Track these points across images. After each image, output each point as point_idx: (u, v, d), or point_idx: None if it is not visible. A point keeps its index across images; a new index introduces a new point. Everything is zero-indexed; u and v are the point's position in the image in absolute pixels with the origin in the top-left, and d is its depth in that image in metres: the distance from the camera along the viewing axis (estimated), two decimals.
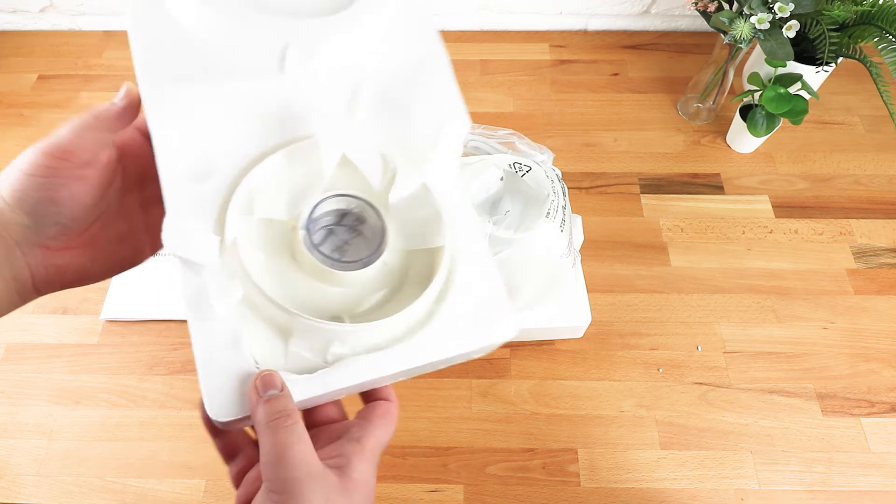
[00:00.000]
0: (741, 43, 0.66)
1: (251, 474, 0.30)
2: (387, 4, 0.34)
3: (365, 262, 0.31)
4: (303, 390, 0.28)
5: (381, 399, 0.31)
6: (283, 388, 0.27)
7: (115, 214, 0.32)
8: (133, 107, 0.31)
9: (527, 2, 0.90)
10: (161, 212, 0.29)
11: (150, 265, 0.36)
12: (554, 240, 0.56)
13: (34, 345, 0.64)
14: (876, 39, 0.66)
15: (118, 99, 0.31)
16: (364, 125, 0.33)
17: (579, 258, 0.64)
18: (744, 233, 0.72)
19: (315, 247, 0.31)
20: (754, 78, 0.71)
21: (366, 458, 0.28)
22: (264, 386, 0.27)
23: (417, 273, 0.32)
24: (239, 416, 0.27)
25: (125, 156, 0.31)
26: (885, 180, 0.76)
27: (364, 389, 0.31)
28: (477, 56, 0.91)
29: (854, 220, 0.73)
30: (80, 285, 0.31)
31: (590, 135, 0.81)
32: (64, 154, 0.28)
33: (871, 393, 0.60)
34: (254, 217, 0.30)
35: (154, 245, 0.33)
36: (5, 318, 0.29)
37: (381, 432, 0.29)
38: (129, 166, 0.32)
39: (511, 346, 0.64)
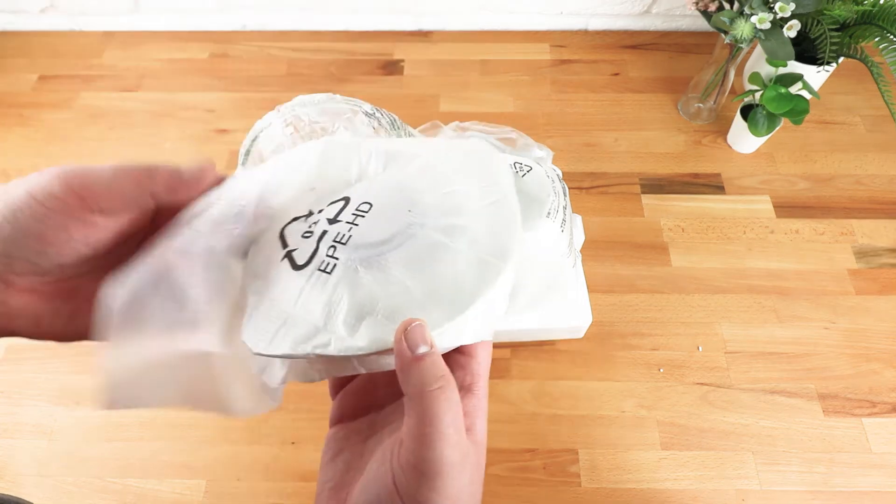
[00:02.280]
0: (742, 43, 0.65)
1: (350, 387, 0.27)
2: None
3: None
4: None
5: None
6: (433, 344, 0.22)
7: (108, 271, 0.26)
8: (198, 185, 0.26)
9: (527, 2, 0.90)
10: None
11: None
12: (554, 240, 0.56)
13: (34, 345, 0.63)
14: (877, 39, 0.66)
15: (186, 170, 0.26)
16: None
17: (580, 258, 0.64)
18: (745, 233, 0.72)
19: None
20: (755, 78, 0.71)
21: (485, 412, 0.24)
22: (415, 340, 0.21)
23: None
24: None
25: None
26: (886, 180, 0.76)
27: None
28: (477, 56, 0.91)
29: (855, 220, 0.73)
30: (28, 338, 0.25)
31: (590, 135, 0.81)
32: (87, 193, 0.23)
33: (872, 393, 0.60)
34: None
35: None
36: None
37: (485, 370, 0.25)
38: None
39: (511, 346, 0.63)
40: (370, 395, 0.27)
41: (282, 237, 0.27)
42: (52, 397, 0.61)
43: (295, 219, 0.27)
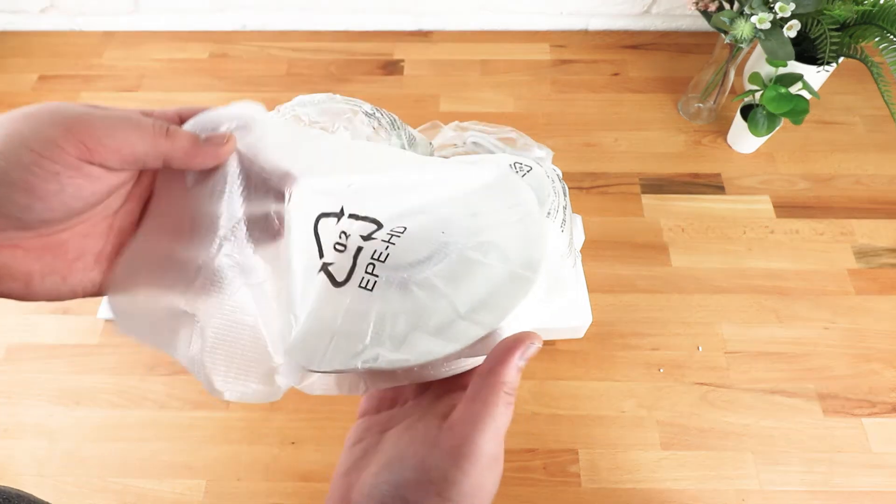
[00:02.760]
0: (742, 43, 0.65)
1: None
2: None
3: None
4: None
5: None
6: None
7: (102, 226, 0.24)
8: (216, 155, 0.25)
9: (527, 2, 0.90)
10: None
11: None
12: (554, 240, 0.56)
13: (35, 345, 0.64)
14: (877, 39, 0.66)
15: (209, 138, 0.25)
16: None
17: (580, 258, 0.64)
18: (745, 233, 0.72)
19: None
20: (755, 78, 0.71)
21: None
22: (525, 351, 0.24)
23: None
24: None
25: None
26: (886, 180, 0.76)
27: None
28: (477, 56, 0.91)
29: (855, 220, 0.73)
30: (16, 299, 0.22)
31: (590, 135, 0.81)
32: (94, 144, 0.21)
33: (872, 393, 0.60)
34: None
35: None
36: (6, 318, 0.28)
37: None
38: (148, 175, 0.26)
39: None
40: (395, 392, 0.28)
41: (316, 233, 0.28)
42: (52, 397, 0.61)
43: (326, 214, 0.28)
